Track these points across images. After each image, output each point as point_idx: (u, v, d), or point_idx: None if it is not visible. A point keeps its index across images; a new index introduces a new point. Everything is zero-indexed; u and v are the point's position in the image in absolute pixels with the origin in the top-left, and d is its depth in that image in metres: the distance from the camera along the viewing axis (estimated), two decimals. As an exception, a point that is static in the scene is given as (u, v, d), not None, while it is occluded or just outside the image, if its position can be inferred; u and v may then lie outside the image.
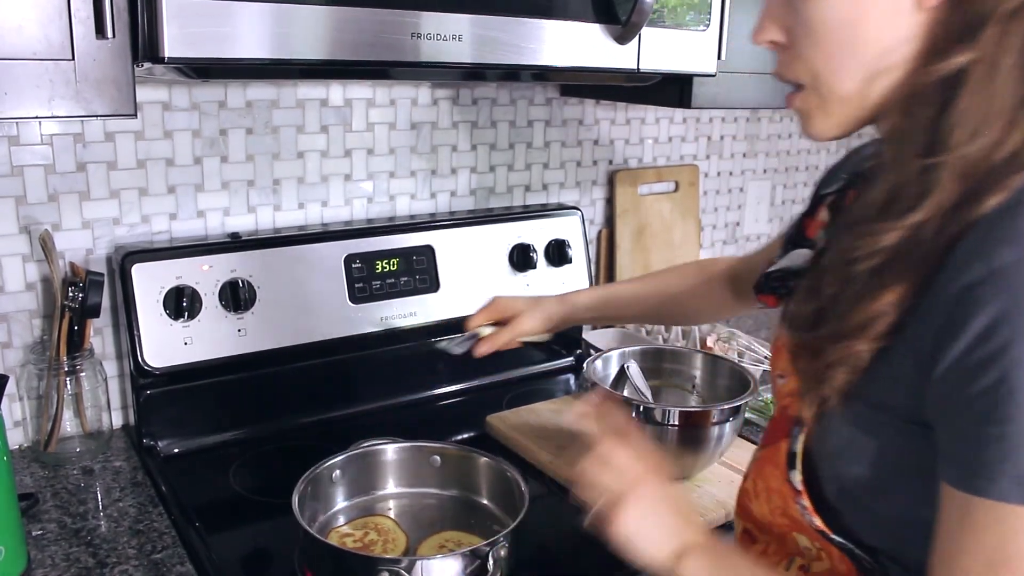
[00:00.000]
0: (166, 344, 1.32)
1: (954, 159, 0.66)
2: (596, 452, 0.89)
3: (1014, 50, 0.65)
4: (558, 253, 1.67)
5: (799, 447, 0.81)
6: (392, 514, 1.18)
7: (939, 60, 0.67)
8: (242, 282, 1.36)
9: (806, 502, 0.80)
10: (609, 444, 0.90)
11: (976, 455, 0.63)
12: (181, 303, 1.31)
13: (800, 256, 0.93)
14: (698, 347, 1.76)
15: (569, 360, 1.77)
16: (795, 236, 0.97)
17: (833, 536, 0.80)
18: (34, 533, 1.13)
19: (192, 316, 1.33)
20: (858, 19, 0.72)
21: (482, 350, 1.28)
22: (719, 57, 1.36)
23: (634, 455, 0.89)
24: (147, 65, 0.96)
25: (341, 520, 1.15)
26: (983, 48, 0.65)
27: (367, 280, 1.47)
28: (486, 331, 1.30)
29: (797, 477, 0.81)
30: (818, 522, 0.80)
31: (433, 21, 1.06)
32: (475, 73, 1.41)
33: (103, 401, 1.37)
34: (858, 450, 0.75)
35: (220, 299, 1.35)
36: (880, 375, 0.71)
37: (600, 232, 1.92)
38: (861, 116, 0.76)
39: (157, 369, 1.31)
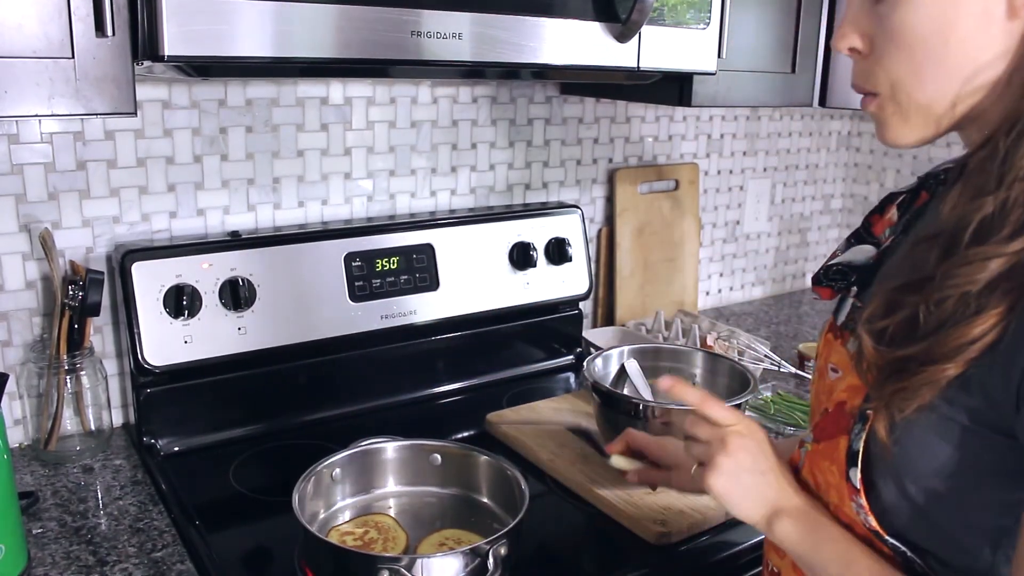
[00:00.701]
0: (166, 342, 1.31)
1: None
2: (695, 407, 0.93)
3: None
4: (558, 251, 1.67)
5: (861, 445, 0.79)
6: (392, 512, 1.18)
7: None
8: (242, 280, 1.36)
9: (863, 501, 0.79)
10: (705, 400, 0.93)
11: None
12: (181, 301, 1.31)
13: (863, 252, 0.92)
14: (698, 345, 1.76)
15: (569, 358, 1.77)
16: (860, 232, 0.95)
17: (887, 538, 0.78)
18: (34, 531, 1.13)
19: (192, 314, 1.33)
20: (947, 28, 0.71)
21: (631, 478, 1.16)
22: (719, 55, 1.35)
23: (729, 410, 0.92)
24: (147, 63, 0.96)
25: (341, 518, 1.15)
26: None
27: (367, 278, 1.47)
28: (621, 462, 1.16)
29: (857, 475, 0.79)
30: (873, 522, 0.79)
31: (433, 19, 1.06)
32: (475, 71, 1.41)
33: (103, 399, 1.37)
34: (926, 454, 0.74)
35: (220, 297, 1.35)
36: (961, 382, 0.70)
37: (600, 230, 1.92)
38: (943, 126, 0.75)
39: (157, 367, 1.31)
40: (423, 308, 1.53)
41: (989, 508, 0.72)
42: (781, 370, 1.73)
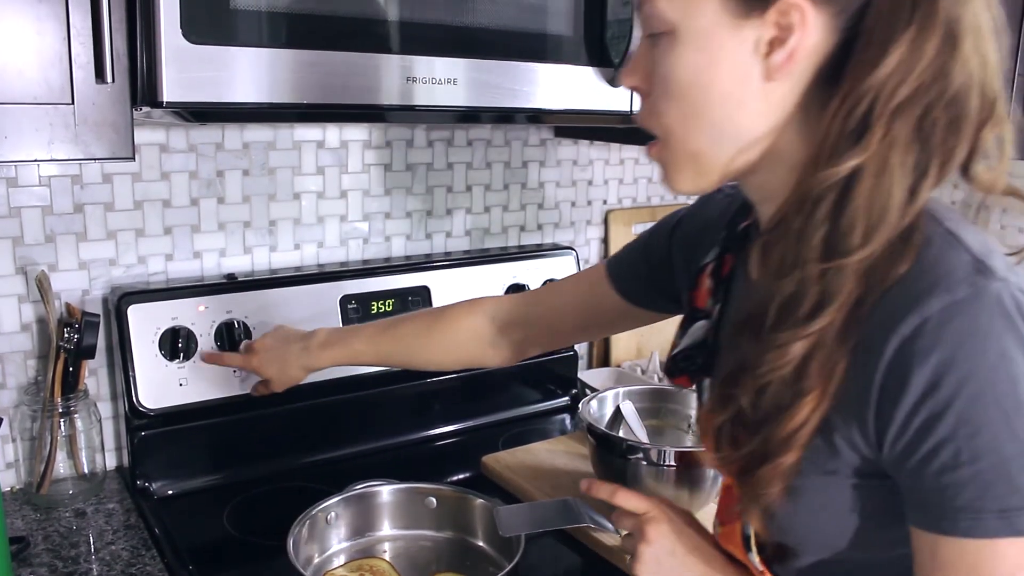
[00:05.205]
0: (161, 385, 1.31)
1: (853, 262, 0.65)
2: (608, 501, 0.95)
3: (901, 145, 0.64)
4: (553, 293, 1.68)
5: (752, 531, 0.80)
6: (388, 556, 1.17)
7: (830, 164, 0.65)
8: (237, 323, 1.36)
9: None
10: (615, 492, 0.95)
11: (952, 501, 0.64)
12: (176, 344, 1.31)
13: (700, 329, 0.91)
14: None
15: (565, 400, 1.77)
16: (687, 312, 0.94)
17: None
18: (25, 577, 1.12)
19: (187, 357, 1.33)
20: (709, 82, 0.70)
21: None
22: (711, 99, 1.37)
23: (641, 498, 0.93)
24: (146, 109, 0.97)
25: (336, 562, 1.14)
26: (871, 149, 0.64)
27: (363, 321, 1.47)
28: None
29: (755, 559, 0.81)
30: None
31: (428, 65, 1.07)
32: (470, 115, 1.42)
33: (97, 442, 1.36)
34: (819, 519, 0.75)
35: (216, 340, 1.35)
36: (821, 447, 0.71)
37: (595, 272, 1.93)
38: (719, 178, 0.74)
39: (152, 410, 1.31)
40: (418, 350, 1.53)
41: (894, 545, 0.72)
42: (777, 411, 1.73)
